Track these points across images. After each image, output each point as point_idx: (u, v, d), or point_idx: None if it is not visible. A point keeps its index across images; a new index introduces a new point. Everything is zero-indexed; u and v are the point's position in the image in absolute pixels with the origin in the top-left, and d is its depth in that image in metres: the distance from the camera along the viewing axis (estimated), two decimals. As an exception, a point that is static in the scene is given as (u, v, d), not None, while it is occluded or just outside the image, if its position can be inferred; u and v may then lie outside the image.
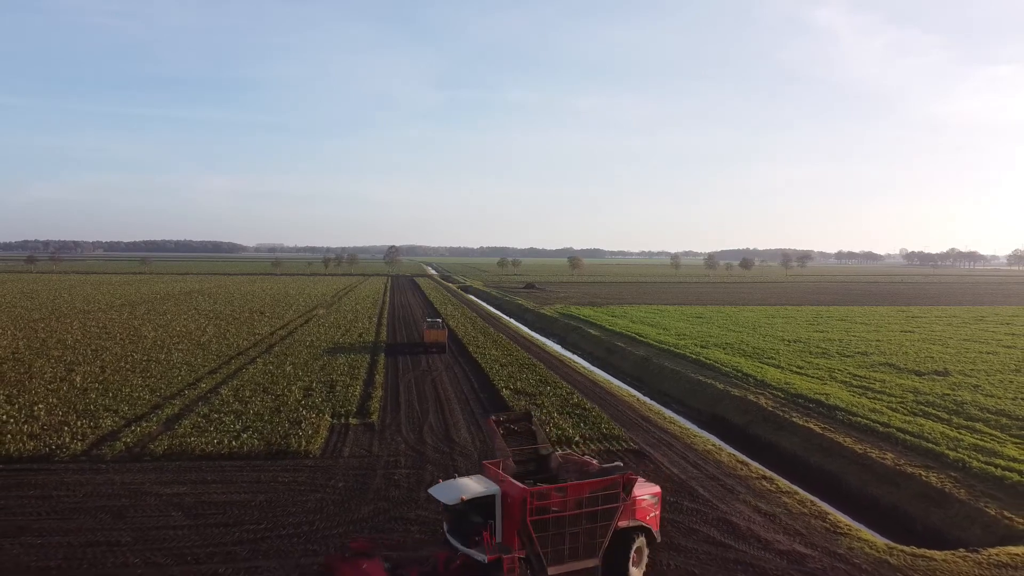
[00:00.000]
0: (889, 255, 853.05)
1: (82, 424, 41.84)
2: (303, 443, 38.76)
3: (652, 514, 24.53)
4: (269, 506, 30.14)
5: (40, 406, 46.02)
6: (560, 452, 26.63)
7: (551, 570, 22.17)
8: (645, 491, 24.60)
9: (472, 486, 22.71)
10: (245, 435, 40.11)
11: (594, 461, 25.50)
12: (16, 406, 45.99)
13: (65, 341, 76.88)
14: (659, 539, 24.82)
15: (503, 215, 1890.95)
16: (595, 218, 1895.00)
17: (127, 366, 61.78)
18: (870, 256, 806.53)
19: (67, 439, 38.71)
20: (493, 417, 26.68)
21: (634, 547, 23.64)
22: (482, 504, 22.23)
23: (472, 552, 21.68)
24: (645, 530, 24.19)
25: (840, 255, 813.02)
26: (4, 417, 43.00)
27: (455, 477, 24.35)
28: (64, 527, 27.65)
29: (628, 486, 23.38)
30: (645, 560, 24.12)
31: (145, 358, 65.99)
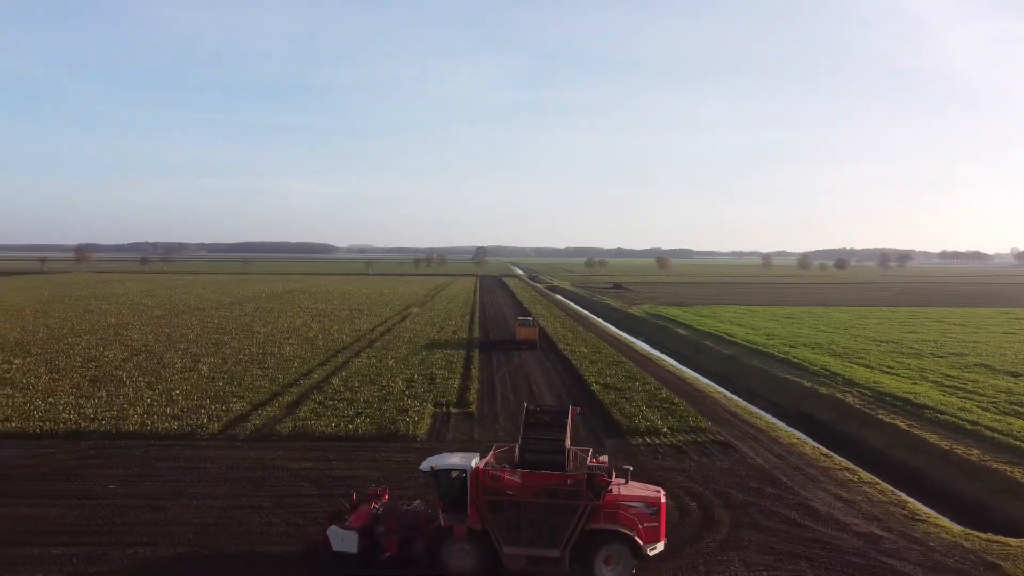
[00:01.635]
0: (999, 255, 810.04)
1: (215, 408, 46.78)
2: (410, 428, 42.45)
3: (645, 524, 23.94)
4: (385, 481, 33.60)
5: (177, 392, 51.42)
6: (577, 448, 26.96)
7: (507, 549, 23.79)
8: (636, 498, 24.44)
9: (452, 460, 25.72)
10: (358, 420, 44.15)
11: (593, 459, 25.63)
12: (157, 391, 51.55)
13: (187, 336, 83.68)
14: (648, 552, 23.88)
15: (590, 215, 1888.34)
16: (684, 218, 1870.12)
17: (245, 358, 67.33)
18: (977, 256, 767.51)
19: (204, 420, 43.57)
20: (528, 406, 27.86)
21: (604, 551, 23.58)
22: (463, 478, 24.81)
23: (441, 516, 24.87)
24: (625, 537, 23.68)
25: (944, 255, 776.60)
26: (149, 401, 48.46)
27: (450, 452, 27.33)
28: (213, 492, 31.95)
29: (597, 488, 23.57)
30: (630, 569, 23.65)
31: (261, 352, 71.57)
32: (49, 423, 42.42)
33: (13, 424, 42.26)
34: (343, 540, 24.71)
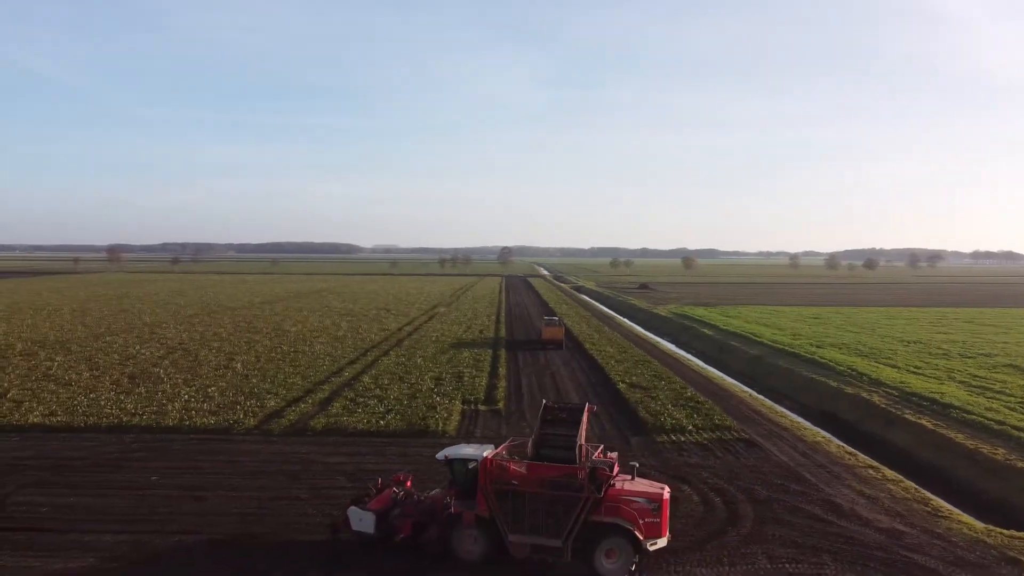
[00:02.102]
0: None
1: (250, 404, 48.12)
2: (440, 424, 43.44)
3: (647, 519, 24.41)
4: (417, 475, 34.56)
5: (213, 388, 52.88)
6: (588, 444, 27.25)
7: (512, 537, 24.82)
8: (639, 493, 24.96)
9: (466, 451, 27.25)
10: (389, 416, 45.23)
11: (600, 455, 26.36)
12: (193, 388, 53.07)
13: (220, 334, 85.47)
14: (649, 547, 24.35)
15: (615, 215, 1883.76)
16: (710, 218, 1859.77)
17: (278, 356, 68.81)
18: (1010, 256, 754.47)
19: (240, 416, 44.90)
20: (546, 403, 28.58)
21: (605, 544, 24.18)
22: (476, 468, 26.00)
23: (452, 503, 26.13)
24: (625, 531, 24.15)
25: (976, 255, 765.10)
26: (186, 397, 49.95)
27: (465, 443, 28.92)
28: (252, 484, 33.14)
29: (598, 481, 24.24)
30: (630, 563, 24.07)
31: (292, 350, 73.05)
32: (92, 417, 44.00)
33: (58, 418, 43.89)
34: (361, 520, 26.27)
